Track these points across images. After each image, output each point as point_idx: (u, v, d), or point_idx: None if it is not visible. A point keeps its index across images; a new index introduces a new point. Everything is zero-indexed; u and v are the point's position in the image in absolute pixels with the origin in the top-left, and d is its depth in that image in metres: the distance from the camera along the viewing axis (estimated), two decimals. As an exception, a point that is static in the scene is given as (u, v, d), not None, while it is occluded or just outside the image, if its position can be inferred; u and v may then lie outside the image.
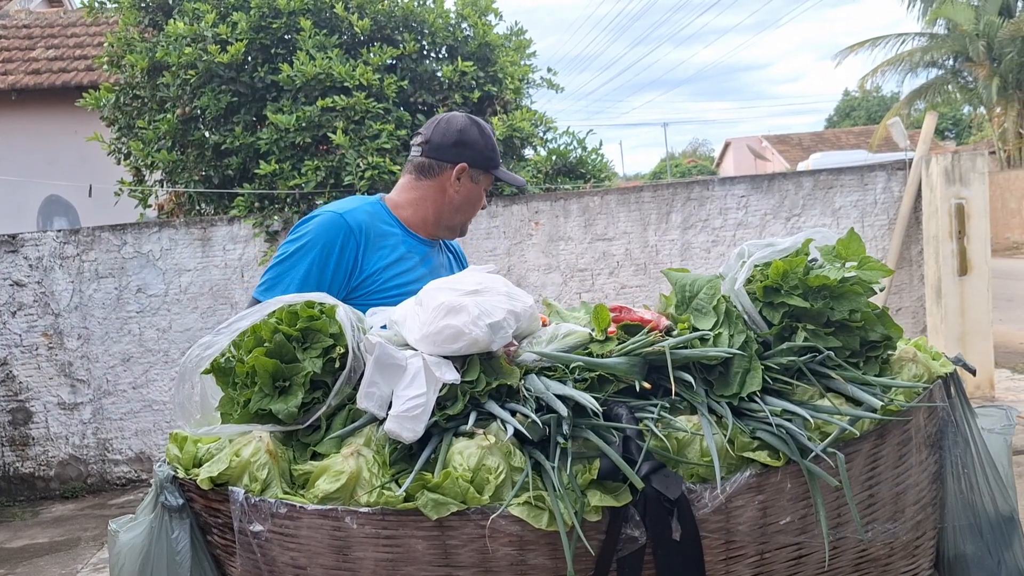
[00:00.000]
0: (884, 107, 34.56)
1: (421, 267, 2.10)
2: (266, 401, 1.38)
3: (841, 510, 1.42)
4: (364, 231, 2.02)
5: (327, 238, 1.97)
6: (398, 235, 2.09)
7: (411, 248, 2.10)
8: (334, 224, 1.99)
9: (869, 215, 6.66)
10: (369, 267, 2.01)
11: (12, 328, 5.92)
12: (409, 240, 2.11)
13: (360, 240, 2.01)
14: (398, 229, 2.10)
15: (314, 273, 1.95)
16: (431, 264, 2.14)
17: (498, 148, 2.18)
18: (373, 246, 2.03)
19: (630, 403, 1.42)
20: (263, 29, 6.02)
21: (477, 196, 2.15)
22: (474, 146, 2.10)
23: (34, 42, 9.92)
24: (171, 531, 1.38)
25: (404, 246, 2.09)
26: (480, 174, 2.13)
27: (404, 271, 2.06)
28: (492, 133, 2.17)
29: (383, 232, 2.07)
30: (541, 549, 1.33)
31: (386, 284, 2.03)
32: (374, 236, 2.04)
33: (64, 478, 6.04)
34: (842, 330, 1.44)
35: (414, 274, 2.06)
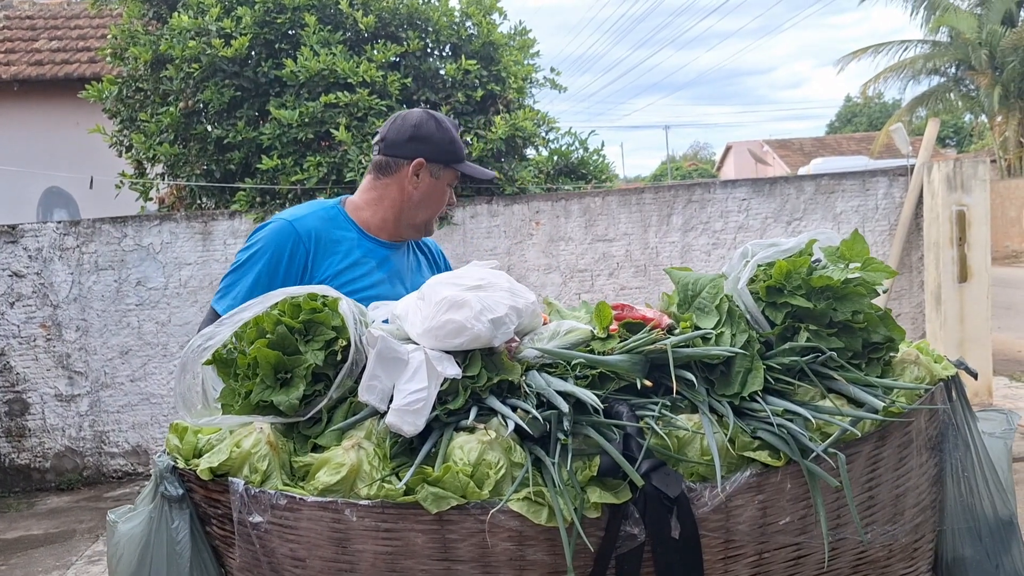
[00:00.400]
0: (885, 114, 34.58)
1: (378, 271, 2.04)
2: (267, 393, 1.38)
3: (840, 511, 1.42)
4: (314, 238, 1.99)
5: (276, 246, 1.96)
6: (353, 239, 2.04)
7: (367, 252, 2.05)
8: (283, 232, 1.98)
9: (870, 220, 6.66)
10: (319, 274, 1.98)
11: (10, 319, 5.92)
12: (365, 244, 2.05)
13: (309, 247, 1.98)
14: (354, 233, 2.06)
15: (263, 281, 1.93)
16: (391, 267, 2.08)
17: (459, 141, 2.10)
18: (324, 252, 1.99)
19: (631, 401, 1.42)
20: (267, 24, 6.02)
21: (439, 192, 2.09)
22: (430, 140, 2.04)
23: (37, 33, 9.91)
24: (171, 521, 1.38)
25: (359, 250, 2.04)
26: (440, 168, 2.07)
27: (357, 277, 2.00)
28: (453, 127, 2.10)
29: (335, 238, 2.02)
30: (540, 545, 1.33)
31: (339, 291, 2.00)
32: (325, 242, 2.00)
33: (60, 470, 6.03)
34: (844, 331, 1.44)
35: (369, 279, 2.02)
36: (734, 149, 36.11)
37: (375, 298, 1.90)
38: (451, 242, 6.41)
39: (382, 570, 1.33)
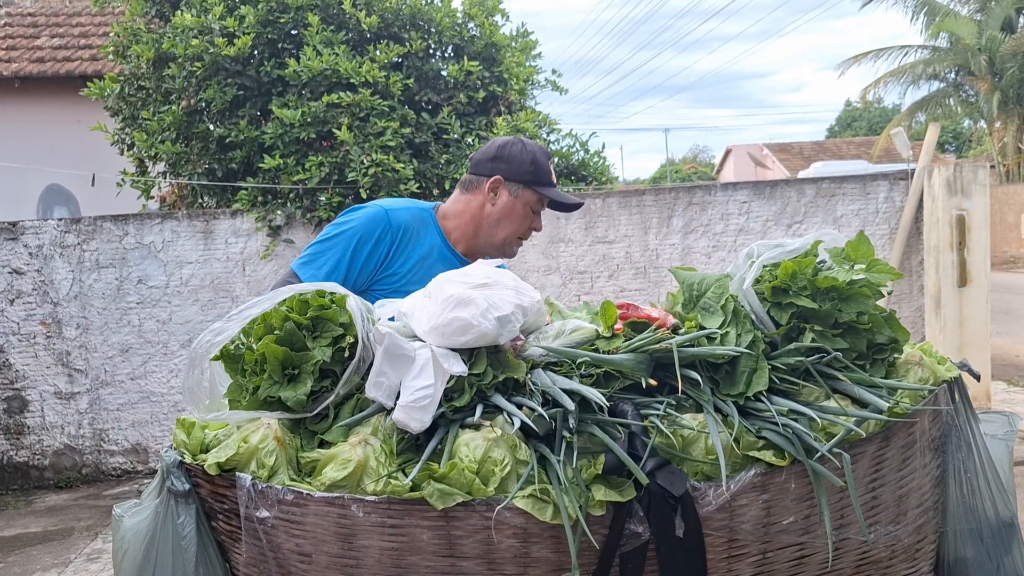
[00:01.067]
0: (885, 118, 34.63)
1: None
2: (275, 388, 1.39)
3: (844, 511, 1.43)
4: (402, 230, 2.08)
5: (366, 229, 2.05)
6: (435, 243, 2.13)
7: (443, 259, 2.11)
8: (376, 217, 2.07)
9: (870, 224, 6.67)
10: (397, 265, 2.06)
11: (9, 316, 5.91)
12: (445, 252, 2.14)
13: (396, 237, 2.07)
14: (438, 238, 2.14)
15: (346, 259, 2.03)
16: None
17: (544, 165, 2.13)
18: (406, 246, 2.09)
19: (636, 400, 1.43)
20: (270, 23, 6.02)
21: (517, 211, 2.13)
22: (511, 160, 2.12)
23: (39, 30, 9.91)
24: (177, 516, 1.39)
25: (436, 254, 2.12)
26: (519, 188, 2.12)
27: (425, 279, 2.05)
28: (540, 152, 2.14)
29: (421, 237, 2.11)
30: (545, 542, 1.34)
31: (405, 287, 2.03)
32: (411, 237, 2.10)
33: (59, 468, 6.03)
34: (849, 332, 1.45)
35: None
36: (734, 152, 36.15)
37: None
38: (452, 243, 6.41)
39: (388, 566, 1.34)
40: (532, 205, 2.15)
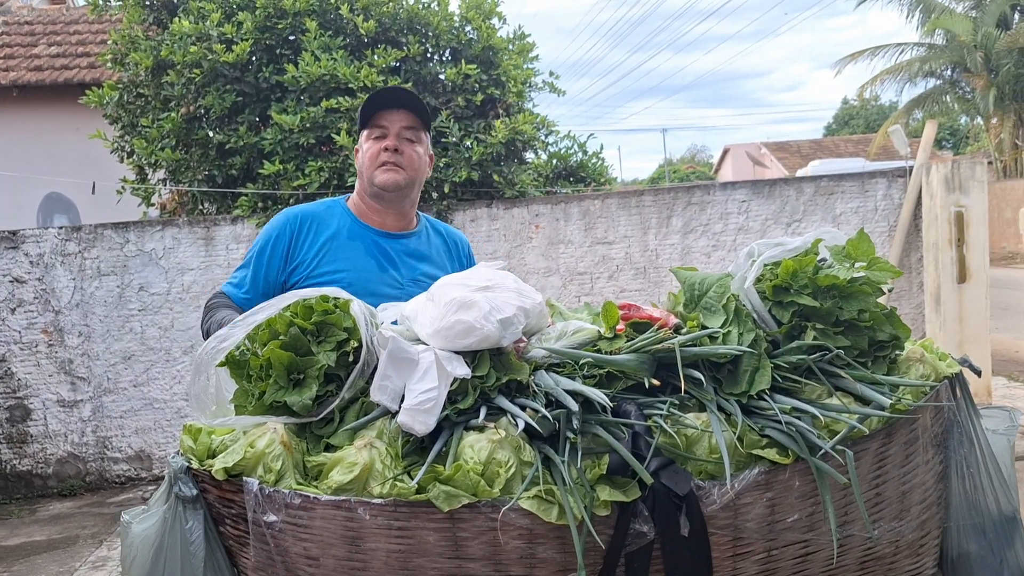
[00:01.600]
0: (882, 116, 34.64)
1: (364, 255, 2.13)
2: (281, 393, 1.39)
3: (848, 508, 1.43)
4: (302, 220, 2.14)
5: (269, 231, 2.14)
6: (344, 224, 2.15)
7: (355, 236, 2.14)
8: (278, 218, 2.17)
9: (869, 222, 6.68)
10: (301, 253, 2.12)
11: (11, 325, 5.92)
12: (355, 229, 2.15)
13: (295, 228, 2.13)
14: (347, 219, 2.17)
15: (252, 262, 2.13)
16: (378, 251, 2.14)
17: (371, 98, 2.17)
18: (308, 233, 2.14)
19: (639, 400, 1.44)
20: (268, 29, 6.04)
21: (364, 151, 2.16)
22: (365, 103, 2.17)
23: (36, 38, 9.92)
24: (185, 522, 1.39)
25: (346, 233, 2.14)
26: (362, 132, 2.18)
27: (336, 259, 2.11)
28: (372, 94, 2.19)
29: (326, 222, 2.14)
30: (550, 543, 1.34)
31: (315, 272, 2.10)
32: (312, 224, 2.15)
33: (62, 476, 6.03)
34: (851, 329, 1.46)
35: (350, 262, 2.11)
36: (732, 152, 36.17)
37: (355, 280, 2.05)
38: (452, 246, 6.42)
39: (395, 568, 1.34)
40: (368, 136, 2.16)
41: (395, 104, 2.13)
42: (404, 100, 2.15)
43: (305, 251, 2.11)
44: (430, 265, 2.18)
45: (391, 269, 2.13)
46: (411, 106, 2.14)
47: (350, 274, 2.08)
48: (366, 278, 2.07)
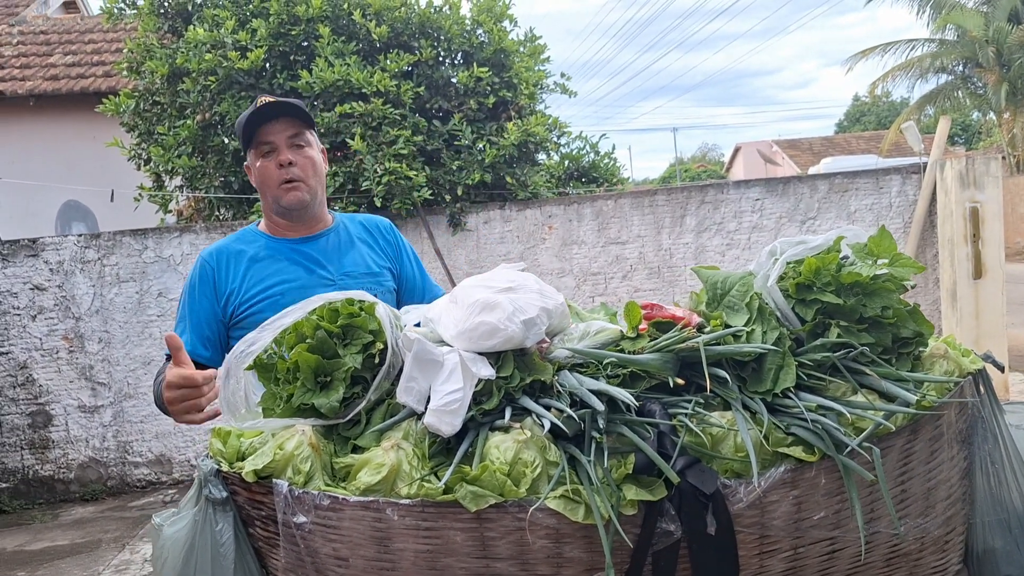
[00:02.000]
0: (894, 112, 34.46)
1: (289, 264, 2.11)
2: (308, 396, 1.41)
3: (874, 505, 1.44)
4: (215, 257, 2.12)
5: (191, 279, 2.14)
6: (259, 245, 2.14)
7: (273, 252, 2.12)
8: (196, 265, 2.16)
9: (884, 218, 6.66)
10: (226, 284, 2.10)
11: (32, 332, 5.98)
12: (271, 245, 2.14)
13: (212, 264, 2.11)
14: (261, 240, 2.15)
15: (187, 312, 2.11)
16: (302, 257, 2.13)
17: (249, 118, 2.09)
18: (226, 266, 2.11)
19: (663, 399, 1.44)
20: (282, 36, 6.08)
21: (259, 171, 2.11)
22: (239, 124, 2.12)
23: (52, 48, 10.01)
24: (215, 524, 1.41)
25: (265, 251, 2.13)
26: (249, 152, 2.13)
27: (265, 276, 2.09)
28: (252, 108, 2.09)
29: (238, 250, 2.13)
30: (577, 542, 1.35)
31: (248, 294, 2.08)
32: (227, 257, 2.12)
33: (84, 480, 6.08)
34: (874, 327, 1.46)
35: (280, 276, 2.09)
36: (743, 150, 36.06)
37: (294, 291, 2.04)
38: (464, 248, 6.44)
39: (423, 568, 1.36)
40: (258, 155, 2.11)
41: (272, 115, 2.07)
42: (280, 109, 2.08)
43: (230, 281, 2.10)
44: (356, 254, 2.18)
45: (319, 269, 2.12)
46: (289, 112, 2.09)
47: (282, 285, 2.08)
48: (299, 284, 2.08)
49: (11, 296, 5.94)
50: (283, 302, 2.00)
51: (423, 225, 6.32)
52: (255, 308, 2.06)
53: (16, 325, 5.95)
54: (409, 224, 6.31)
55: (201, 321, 2.09)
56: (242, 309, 2.08)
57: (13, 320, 5.95)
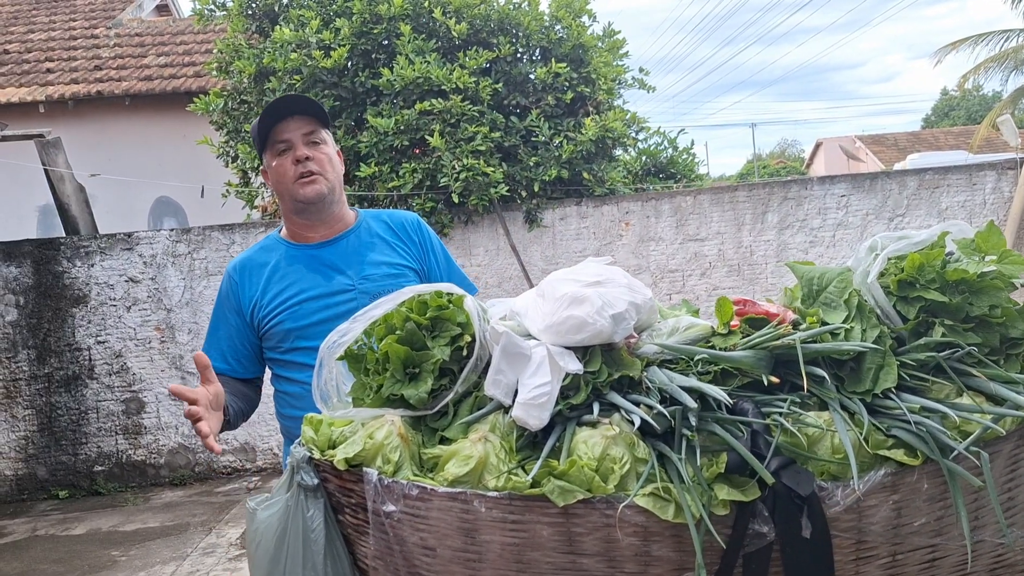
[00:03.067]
0: (985, 107, 32.92)
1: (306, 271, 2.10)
2: (398, 387, 1.42)
3: (978, 512, 1.37)
4: (239, 270, 2.14)
5: (220, 294, 2.18)
6: (280, 254, 2.13)
7: (292, 260, 2.12)
8: (224, 278, 2.19)
9: (977, 216, 6.38)
10: (246, 297, 2.11)
11: (127, 322, 6.25)
12: (291, 253, 2.13)
13: (236, 278, 2.13)
14: (281, 248, 2.14)
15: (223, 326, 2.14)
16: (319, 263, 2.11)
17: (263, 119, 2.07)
18: (248, 279, 2.12)
19: (756, 398, 1.41)
20: (364, 35, 6.18)
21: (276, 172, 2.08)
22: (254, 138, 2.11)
23: (146, 49, 10.43)
24: (307, 510, 1.44)
25: (285, 261, 2.12)
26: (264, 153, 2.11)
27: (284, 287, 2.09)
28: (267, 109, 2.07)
29: (261, 262, 2.13)
30: (666, 541, 1.33)
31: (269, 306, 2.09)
32: (249, 270, 2.13)
33: (173, 466, 6.33)
34: (981, 326, 1.39)
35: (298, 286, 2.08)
36: (824, 146, 35.01)
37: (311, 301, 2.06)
38: (540, 244, 6.44)
39: (509, 561, 1.36)
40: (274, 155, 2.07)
41: (287, 113, 2.05)
42: (295, 106, 2.07)
43: (251, 292, 2.11)
44: (377, 254, 2.15)
45: (338, 275, 2.10)
46: (304, 110, 2.07)
47: (301, 294, 2.07)
48: (317, 292, 2.07)
49: (108, 288, 6.21)
50: (301, 312, 2.06)
51: (499, 221, 6.34)
52: (276, 319, 2.08)
53: (112, 316, 6.22)
54: (485, 220, 6.35)
55: (222, 335, 2.13)
56: (265, 320, 2.09)
57: (110, 311, 6.22)
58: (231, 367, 2.12)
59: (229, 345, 2.12)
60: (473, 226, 6.35)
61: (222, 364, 2.10)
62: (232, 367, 2.12)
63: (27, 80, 9.73)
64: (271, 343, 2.11)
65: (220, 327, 2.14)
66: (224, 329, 2.13)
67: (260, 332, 2.12)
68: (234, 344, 2.12)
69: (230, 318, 2.13)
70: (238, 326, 2.12)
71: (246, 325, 2.12)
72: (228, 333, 2.12)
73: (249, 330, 2.12)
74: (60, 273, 6.18)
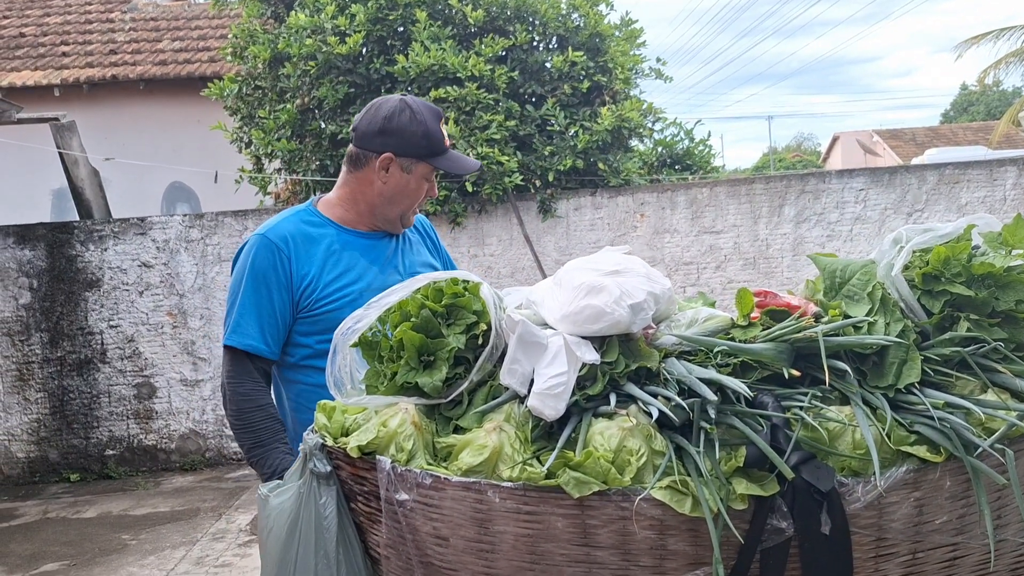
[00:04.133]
0: (1005, 102, 32.56)
1: (364, 261, 2.02)
2: (412, 374, 1.41)
3: (1001, 511, 1.35)
4: (291, 242, 1.97)
5: (260, 264, 1.94)
6: (332, 235, 2.01)
7: (346, 245, 2.01)
8: (261, 248, 1.96)
9: (997, 212, 6.30)
10: (302, 272, 1.95)
11: (139, 307, 6.27)
12: (344, 237, 2.02)
13: (289, 252, 1.95)
14: (331, 229, 2.02)
15: (265, 305, 1.93)
16: (377, 256, 2.04)
17: (436, 133, 1.97)
18: (303, 252, 1.97)
19: (776, 391, 1.38)
20: (380, 21, 6.16)
21: (411, 186, 1.99)
22: (401, 133, 1.94)
23: (161, 34, 10.44)
24: (319, 497, 1.43)
25: (339, 244, 2.00)
26: (412, 163, 1.96)
27: (342, 272, 1.98)
28: (431, 117, 1.97)
29: (313, 236, 1.99)
30: (682, 535, 1.31)
31: (327, 289, 1.96)
32: (302, 242, 1.97)
33: (184, 451, 6.36)
34: (1007, 321, 1.37)
35: (356, 271, 1.99)
36: (841, 139, 34.73)
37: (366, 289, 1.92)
38: (554, 234, 6.41)
39: (522, 552, 1.34)
40: (426, 176, 2.00)
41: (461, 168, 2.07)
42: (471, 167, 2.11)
43: (306, 267, 1.96)
44: (416, 255, 2.12)
45: (392, 270, 2.04)
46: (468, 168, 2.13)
47: (360, 281, 1.98)
48: (377, 284, 1.93)
49: (121, 272, 6.23)
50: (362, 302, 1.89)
51: (513, 211, 6.32)
52: (332, 305, 1.94)
53: (125, 300, 6.24)
54: (499, 210, 6.32)
55: (265, 312, 1.94)
56: (319, 303, 1.95)
57: (123, 295, 6.24)
58: (274, 350, 1.96)
59: (271, 324, 1.94)
60: (487, 215, 6.33)
61: (262, 345, 1.93)
62: (275, 350, 1.96)
63: (42, 64, 9.76)
64: (313, 328, 1.96)
65: (260, 305, 1.93)
66: (267, 307, 1.93)
67: (303, 313, 1.96)
68: (275, 324, 1.94)
69: (274, 294, 1.93)
70: (281, 304, 1.94)
71: (290, 303, 1.95)
72: (271, 311, 1.93)
73: (290, 309, 1.95)
74: (73, 257, 6.21)
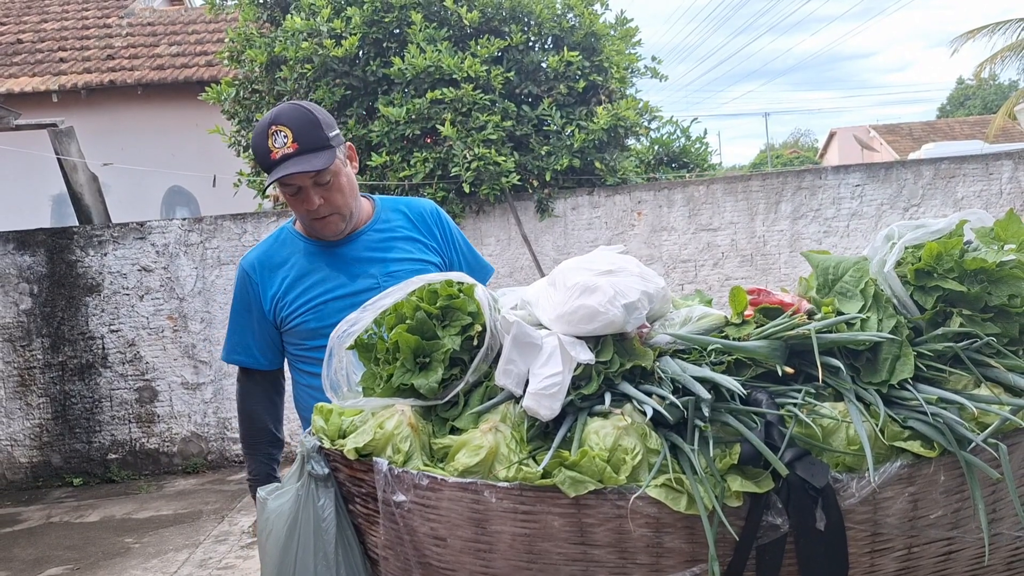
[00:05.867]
0: (1001, 96, 32.57)
1: (332, 271, 2.04)
2: (408, 376, 1.42)
3: (995, 505, 1.35)
4: (258, 268, 2.09)
5: (238, 291, 2.13)
6: (299, 251, 2.07)
7: (313, 258, 2.05)
8: (239, 275, 2.13)
9: (993, 206, 6.31)
10: (268, 295, 2.07)
11: (140, 311, 6.27)
12: (311, 250, 2.06)
13: (256, 278, 2.08)
14: (300, 244, 2.08)
15: (246, 324, 2.12)
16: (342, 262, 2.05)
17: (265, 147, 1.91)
18: (268, 276, 2.07)
19: (769, 388, 1.39)
20: (375, 23, 6.16)
21: (288, 198, 2.00)
22: (254, 151, 1.99)
23: (158, 39, 10.44)
24: (317, 499, 1.44)
25: (305, 259, 2.06)
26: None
27: (309, 286, 2.04)
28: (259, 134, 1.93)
29: (279, 259, 2.08)
30: (678, 532, 1.32)
31: (293, 305, 2.05)
32: (268, 267, 2.08)
33: (186, 454, 6.36)
34: (1000, 316, 1.37)
35: (323, 285, 2.04)
36: (838, 135, 34.70)
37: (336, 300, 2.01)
38: (551, 234, 6.42)
39: (520, 551, 1.35)
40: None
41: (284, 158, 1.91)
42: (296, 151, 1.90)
43: (272, 290, 2.07)
44: (398, 250, 2.09)
45: (361, 273, 2.04)
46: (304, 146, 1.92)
47: (326, 294, 2.03)
48: (342, 292, 2.02)
49: (121, 277, 6.24)
50: (326, 311, 2.01)
51: (511, 211, 6.32)
52: (300, 319, 2.05)
53: (125, 304, 6.25)
54: (497, 210, 6.33)
55: (248, 332, 2.11)
56: (289, 319, 2.06)
57: (123, 300, 6.25)
58: (268, 360, 2.13)
59: (256, 341, 2.11)
60: (484, 215, 6.34)
61: (251, 360, 2.12)
62: (270, 360, 2.14)
63: (40, 70, 9.76)
64: (294, 339, 2.09)
65: (244, 326, 2.12)
66: (248, 327, 2.11)
67: (282, 328, 2.10)
68: (261, 340, 2.12)
69: (253, 315, 2.10)
70: (261, 322, 2.10)
71: (268, 322, 2.10)
72: (253, 330, 2.11)
73: (271, 326, 2.10)
74: (73, 262, 6.21)
